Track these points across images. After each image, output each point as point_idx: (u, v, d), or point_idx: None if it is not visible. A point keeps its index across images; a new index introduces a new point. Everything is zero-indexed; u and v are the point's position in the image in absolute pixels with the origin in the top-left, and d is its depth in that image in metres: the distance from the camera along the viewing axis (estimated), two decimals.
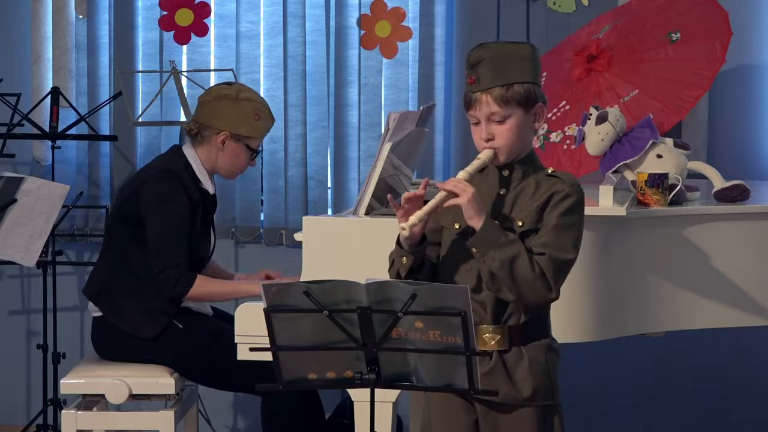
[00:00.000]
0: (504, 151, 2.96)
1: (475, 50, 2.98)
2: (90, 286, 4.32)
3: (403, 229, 2.90)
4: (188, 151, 4.31)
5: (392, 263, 2.99)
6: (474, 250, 2.91)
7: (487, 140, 2.96)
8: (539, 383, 2.98)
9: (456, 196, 2.89)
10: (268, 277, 4.38)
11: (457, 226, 2.99)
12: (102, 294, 4.26)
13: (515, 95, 2.93)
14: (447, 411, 3.06)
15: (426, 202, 2.94)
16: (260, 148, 4.40)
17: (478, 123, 2.97)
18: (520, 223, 2.94)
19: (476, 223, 2.89)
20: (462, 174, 2.93)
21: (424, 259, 2.99)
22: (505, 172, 2.99)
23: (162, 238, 4.16)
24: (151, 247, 4.16)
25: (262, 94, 5.18)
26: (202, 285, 4.16)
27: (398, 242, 2.97)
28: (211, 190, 4.34)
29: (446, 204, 2.91)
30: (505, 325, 2.97)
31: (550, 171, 2.99)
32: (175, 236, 4.17)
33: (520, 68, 2.94)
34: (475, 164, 2.95)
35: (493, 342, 2.97)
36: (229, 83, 4.41)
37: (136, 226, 4.20)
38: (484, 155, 2.96)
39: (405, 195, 2.93)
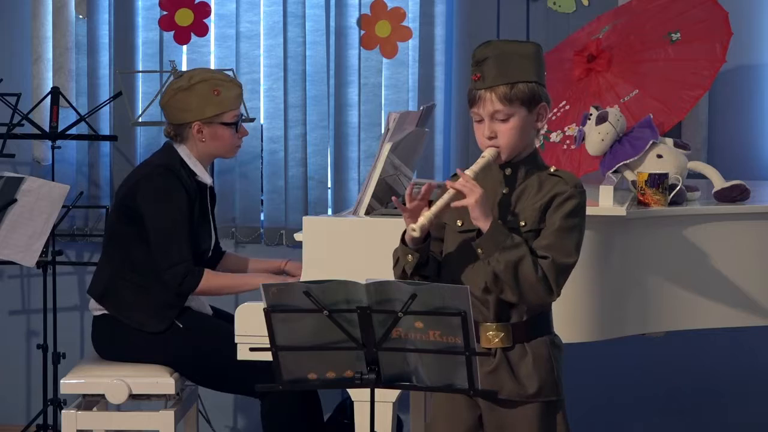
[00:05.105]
0: (506, 150, 2.97)
1: (480, 48, 2.98)
2: (94, 286, 4.31)
3: (413, 230, 2.90)
4: (179, 148, 4.30)
5: (397, 261, 3.00)
6: (479, 251, 2.91)
7: (490, 138, 2.96)
8: (544, 379, 2.99)
9: (464, 196, 2.90)
10: (279, 271, 4.40)
11: (460, 224, 3.00)
12: (107, 293, 4.25)
13: (519, 94, 2.94)
14: (450, 407, 3.06)
15: (431, 201, 2.95)
16: (240, 117, 4.34)
17: (481, 120, 2.98)
18: (523, 223, 2.95)
19: (483, 224, 2.90)
20: (467, 173, 2.92)
21: (429, 255, 2.99)
22: (508, 171, 3.00)
23: (165, 235, 4.15)
24: (154, 245, 4.16)
25: (261, 94, 5.19)
26: (211, 279, 4.16)
27: (403, 240, 2.97)
28: (208, 182, 4.33)
29: (454, 204, 2.91)
30: (508, 322, 2.98)
31: (552, 170, 3.00)
32: (177, 232, 4.16)
33: (525, 67, 2.95)
34: (480, 163, 2.96)
35: (496, 340, 2.98)
36: (180, 75, 4.40)
37: (136, 223, 4.20)
38: (488, 153, 2.96)
39: (408, 194, 2.92)
